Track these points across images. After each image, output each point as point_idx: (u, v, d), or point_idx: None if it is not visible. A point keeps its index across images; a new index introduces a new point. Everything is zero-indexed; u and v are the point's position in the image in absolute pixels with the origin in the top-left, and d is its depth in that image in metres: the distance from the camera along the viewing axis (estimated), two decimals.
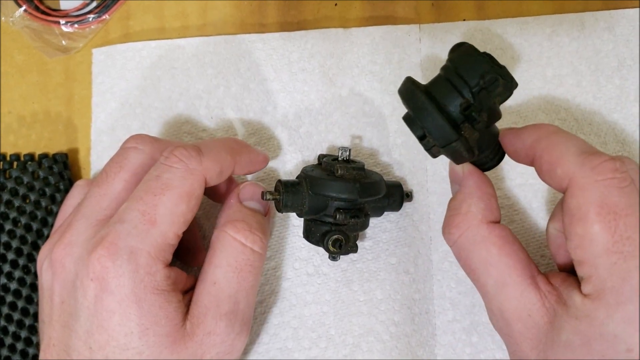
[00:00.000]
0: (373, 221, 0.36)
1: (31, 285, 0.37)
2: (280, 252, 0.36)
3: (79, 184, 0.35)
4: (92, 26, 0.40)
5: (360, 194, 0.31)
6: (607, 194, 0.24)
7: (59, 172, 0.38)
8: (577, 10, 0.38)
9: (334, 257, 0.34)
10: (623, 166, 0.25)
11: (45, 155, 0.39)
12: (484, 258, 0.28)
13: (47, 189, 0.37)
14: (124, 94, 0.39)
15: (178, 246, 0.32)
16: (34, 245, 0.37)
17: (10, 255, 0.37)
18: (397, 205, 0.35)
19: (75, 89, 0.40)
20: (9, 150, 0.39)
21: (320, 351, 0.35)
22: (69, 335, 0.28)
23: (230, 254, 0.30)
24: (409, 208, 0.37)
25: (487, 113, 0.27)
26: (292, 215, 0.37)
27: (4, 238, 0.37)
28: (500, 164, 0.31)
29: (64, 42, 0.40)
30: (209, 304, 0.29)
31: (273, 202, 0.34)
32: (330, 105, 0.38)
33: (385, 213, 0.36)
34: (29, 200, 0.38)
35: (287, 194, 0.32)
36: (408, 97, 0.27)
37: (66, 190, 0.37)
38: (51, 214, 0.37)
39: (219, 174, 0.30)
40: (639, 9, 0.38)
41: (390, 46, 0.38)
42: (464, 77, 0.26)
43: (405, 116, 0.28)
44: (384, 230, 0.36)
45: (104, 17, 0.40)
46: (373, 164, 0.37)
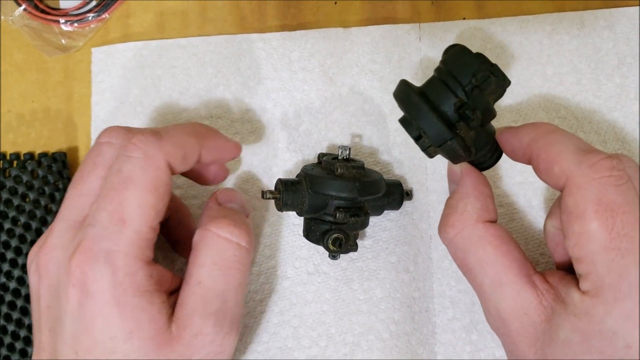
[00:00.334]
0: (373, 220, 0.36)
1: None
2: (280, 251, 0.36)
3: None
4: (92, 25, 0.40)
5: (360, 192, 0.31)
6: (604, 192, 0.24)
7: (58, 171, 0.38)
8: (577, 8, 0.38)
9: (334, 256, 0.34)
10: (620, 164, 0.25)
11: (44, 154, 0.39)
12: (480, 257, 0.28)
13: (46, 188, 0.37)
14: (124, 92, 0.39)
15: (172, 238, 0.31)
16: (33, 244, 0.37)
17: (9, 254, 0.37)
18: (397, 204, 0.35)
19: (75, 87, 0.40)
20: (8, 149, 0.39)
21: (320, 350, 0.35)
22: (56, 340, 0.27)
23: (215, 252, 0.29)
24: (408, 207, 0.37)
25: (482, 111, 0.27)
26: (292, 214, 0.37)
27: (3, 237, 0.37)
28: (500, 162, 0.31)
29: (63, 41, 0.40)
30: (195, 305, 0.28)
31: (273, 201, 0.34)
32: (330, 104, 0.38)
33: (385, 212, 0.36)
34: (28, 199, 0.37)
35: (287, 193, 0.32)
36: (403, 99, 0.28)
37: (65, 189, 0.37)
38: (50, 212, 0.37)
39: (183, 158, 0.29)
40: (639, 7, 0.38)
41: (390, 45, 0.38)
42: (457, 77, 0.27)
43: (402, 118, 0.29)
44: (384, 229, 0.36)
45: (104, 16, 0.40)
46: (373, 162, 0.37)
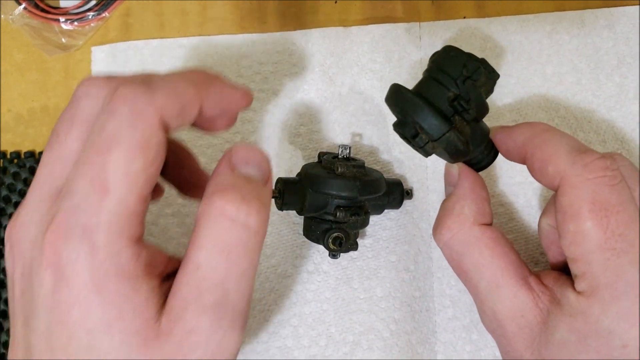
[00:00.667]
0: (373, 219, 0.36)
1: None
2: (280, 250, 0.36)
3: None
4: (92, 24, 0.40)
5: (360, 191, 0.31)
6: (599, 192, 0.24)
7: None
8: (577, 7, 0.38)
9: (334, 255, 0.34)
10: (614, 164, 0.25)
11: None
12: (476, 260, 0.28)
13: None
14: None
15: (175, 180, 0.28)
16: None
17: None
18: (397, 203, 0.35)
19: (75, 86, 0.40)
20: (8, 148, 0.39)
21: (320, 349, 0.35)
22: (30, 334, 0.23)
23: (217, 232, 0.23)
24: (409, 206, 0.37)
25: (476, 103, 0.27)
26: (292, 213, 0.37)
27: (1, 234, 0.37)
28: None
29: (63, 40, 0.40)
30: (189, 295, 0.23)
31: (273, 200, 0.33)
32: (331, 104, 0.38)
33: (386, 211, 0.36)
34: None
35: (287, 192, 0.32)
36: (396, 99, 0.28)
37: None
38: None
39: (180, 113, 0.24)
40: (639, 6, 0.38)
41: (390, 44, 0.38)
42: (447, 71, 0.27)
43: (395, 123, 0.29)
44: (384, 228, 0.36)
45: (104, 15, 0.40)
46: (373, 161, 0.37)
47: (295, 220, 0.37)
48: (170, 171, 0.30)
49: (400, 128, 0.29)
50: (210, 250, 0.23)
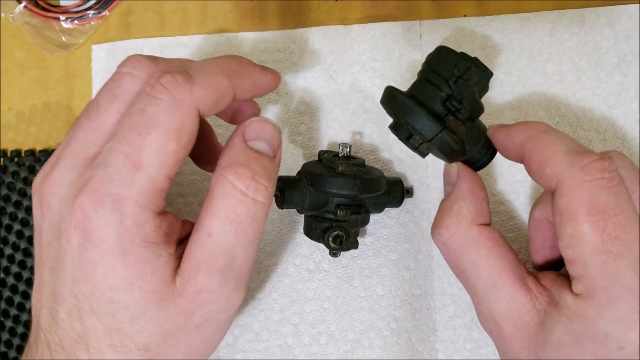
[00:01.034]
0: (373, 217, 0.36)
1: (27, 281, 0.37)
2: (280, 249, 0.36)
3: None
4: (92, 22, 0.40)
5: (360, 190, 0.31)
6: (596, 194, 0.24)
7: None
8: (578, 6, 0.38)
9: (334, 254, 0.34)
10: (612, 165, 0.25)
11: (44, 151, 0.39)
12: (473, 260, 0.28)
13: None
14: None
15: (195, 152, 0.30)
16: (31, 240, 0.37)
17: (7, 250, 0.37)
18: (398, 202, 0.35)
19: (76, 85, 0.40)
20: (9, 147, 0.39)
21: (321, 347, 0.35)
22: (56, 280, 0.26)
23: (229, 204, 0.26)
24: (409, 204, 0.37)
25: (468, 103, 0.27)
26: (293, 212, 0.37)
27: (2, 233, 0.37)
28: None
29: (64, 39, 0.40)
30: (202, 258, 0.26)
31: (273, 198, 0.33)
32: (331, 102, 0.38)
33: (386, 209, 0.36)
34: (27, 195, 0.37)
35: (288, 191, 0.32)
36: (390, 102, 0.28)
37: None
38: None
39: (215, 104, 0.27)
40: (639, 4, 0.38)
41: (390, 43, 0.38)
42: (439, 72, 0.27)
43: (391, 124, 0.29)
44: (385, 227, 0.36)
45: (104, 14, 0.40)
46: (374, 160, 0.37)
47: (296, 218, 0.37)
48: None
49: (395, 130, 0.29)
50: (222, 220, 0.26)
